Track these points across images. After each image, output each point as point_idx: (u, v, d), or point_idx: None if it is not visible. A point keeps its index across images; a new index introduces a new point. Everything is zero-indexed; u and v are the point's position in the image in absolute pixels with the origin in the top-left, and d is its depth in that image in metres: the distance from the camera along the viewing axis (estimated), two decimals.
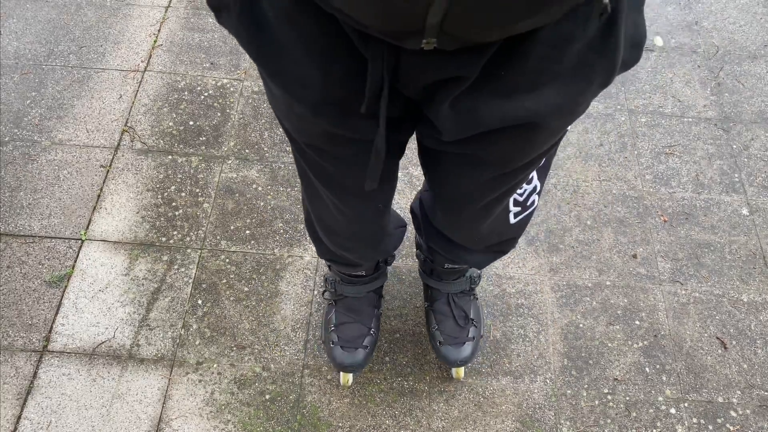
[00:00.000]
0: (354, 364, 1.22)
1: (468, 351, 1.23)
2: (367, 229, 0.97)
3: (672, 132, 1.71)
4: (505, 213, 0.89)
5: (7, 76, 1.72)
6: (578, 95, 0.61)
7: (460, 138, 0.66)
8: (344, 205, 0.86)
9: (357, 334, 1.23)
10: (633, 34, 0.59)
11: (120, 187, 1.54)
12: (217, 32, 1.87)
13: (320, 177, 0.81)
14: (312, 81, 0.60)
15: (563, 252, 1.49)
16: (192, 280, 1.40)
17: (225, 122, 1.67)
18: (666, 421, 1.27)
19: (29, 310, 1.35)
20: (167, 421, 1.23)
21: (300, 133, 0.73)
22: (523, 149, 0.70)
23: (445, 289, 1.25)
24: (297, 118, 0.69)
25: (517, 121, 0.61)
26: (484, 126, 0.62)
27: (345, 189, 0.82)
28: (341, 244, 1.01)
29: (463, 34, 0.49)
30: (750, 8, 2.01)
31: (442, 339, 1.24)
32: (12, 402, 1.24)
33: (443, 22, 0.46)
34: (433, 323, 1.26)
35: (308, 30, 0.57)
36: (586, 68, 0.58)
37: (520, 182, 0.81)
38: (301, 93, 0.62)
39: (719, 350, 1.36)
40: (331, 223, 0.95)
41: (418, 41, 0.50)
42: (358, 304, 1.25)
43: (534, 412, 1.28)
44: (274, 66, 0.60)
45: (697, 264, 1.48)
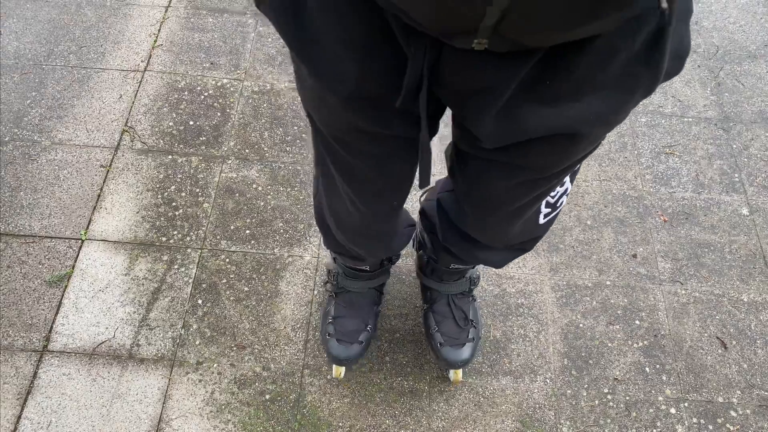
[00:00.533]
0: (348, 358, 1.22)
1: (468, 352, 1.23)
2: (379, 227, 0.96)
3: (672, 132, 1.71)
4: (536, 214, 0.88)
5: (7, 76, 1.72)
6: (621, 105, 0.60)
7: (501, 146, 0.65)
8: (361, 200, 0.86)
9: (354, 329, 1.24)
10: (678, 47, 0.58)
11: (120, 187, 1.54)
12: (217, 32, 1.87)
13: (342, 170, 0.81)
14: (348, 74, 0.60)
15: (563, 252, 1.49)
16: (192, 280, 1.40)
17: (225, 122, 1.67)
18: (666, 421, 1.27)
19: (29, 310, 1.35)
20: (167, 421, 1.23)
21: (328, 125, 0.73)
22: (562, 157, 0.70)
23: (445, 290, 1.25)
24: (328, 110, 0.69)
25: (560, 130, 0.61)
26: (526, 134, 0.62)
27: (365, 185, 0.82)
28: (351, 238, 1.01)
29: (517, 37, 0.48)
30: (750, 8, 2.01)
31: (442, 340, 1.24)
32: (12, 402, 1.24)
33: (499, 24, 0.46)
34: (432, 325, 1.26)
35: (349, 22, 0.56)
36: (630, 79, 0.57)
37: (554, 186, 0.81)
38: (335, 85, 0.62)
39: (719, 350, 1.36)
40: (344, 217, 0.95)
41: (470, 40, 0.50)
42: (359, 299, 1.25)
43: (534, 411, 1.28)
44: (310, 56, 0.60)
45: (697, 264, 1.48)
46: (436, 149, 1.65)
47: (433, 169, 1.60)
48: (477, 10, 0.45)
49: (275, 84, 1.75)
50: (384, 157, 0.74)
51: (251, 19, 1.90)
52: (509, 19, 0.45)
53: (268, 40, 1.86)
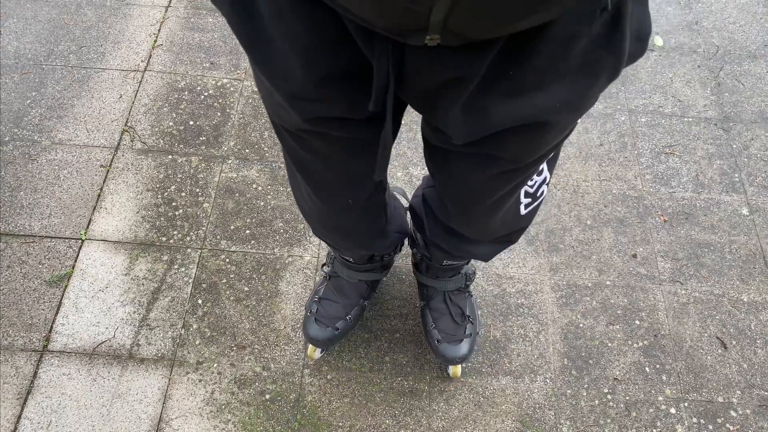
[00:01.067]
0: (319, 339, 1.24)
1: (466, 348, 1.24)
2: (339, 221, 0.96)
3: (672, 132, 1.71)
4: (516, 205, 0.89)
5: (7, 76, 1.72)
6: (586, 90, 0.61)
7: (471, 140, 0.66)
8: (316, 194, 0.87)
9: (334, 314, 1.25)
10: (638, 28, 0.59)
11: (120, 187, 1.54)
12: (217, 32, 1.87)
13: (296, 164, 0.82)
14: (292, 73, 0.61)
15: (563, 252, 1.49)
16: (192, 279, 1.40)
17: (225, 122, 1.67)
18: (666, 421, 1.27)
19: (29, 309, 1.35)
20: (167, 421, 1.23)
21: (279, 118, 0.74)
22: (534, 146, 0.70)
23: (441, 287, 1.25)
24: (277, 104, 0.70)
25: (527, 120, 0.61)
26: (494, 127, 0.62)
27: (317, 179, 0.83)
28: (315, 228, 1.04)
29: (467, 31, 0.49)
30: (750, 8, 2.01)
31: (439, 337, 1.24)
32: (12, 402, 1.24)
33: (447, 19, 0.47)
34: (429, 322, 1.26)
35: (295, 23, 0.57)
36: (593, 64, 0.58)
37: (530, 175, 0.81)
38: (280, 83, 0.62)
39: (719, 350, 1.36)
40: (306, 209, 0.98)
41: (422, 37, 0.50)
42: (347, 288, 1.27)
43: (534, 411, 1.28)
44: (258, 51, 0.61)
45: (697, 264, 1.48)
46: None
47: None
48: (424, 7, 0.45)
49: None
50: (332, 155, 0.75)
51: None
52: (456, 14, 0.46)
53: None
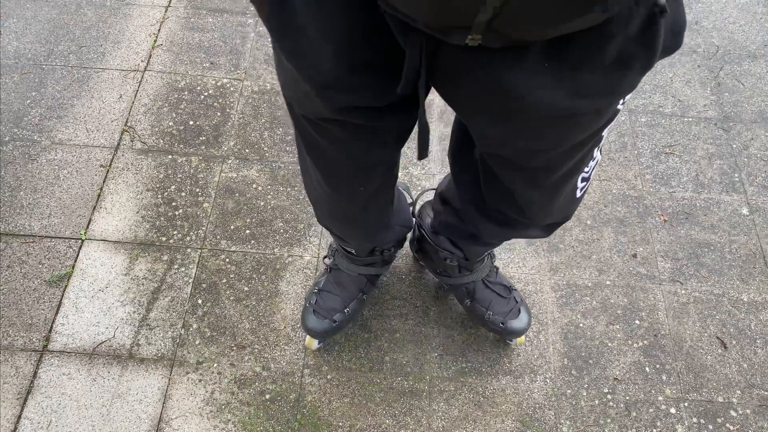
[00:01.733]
0: (317, 331, 1.25)
1: (525, 315, 1.28)
2: (348, 210, 0.97)
3: (672, 132, 1.71)
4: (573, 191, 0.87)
5: (7, 76, 1.72)
6: (618, 81, 0.61)
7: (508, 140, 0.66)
8: (327, 182, 0.88)
9: (332, 307, 1.26)
10: (673, 23, 0.59)
11: (120, 187, 1.54)
12: (217, 32, 1.87)
13: (312, 152, 0.83)
14: (323, 65, 0.60)
15: (563, 252, 1.49)
16: (192, 279, 1.40)
17: (225, 122, 1.67)
18: (666, 421, 1.27)
19: (29, 309, 1.35)
20: (167, 421, 1.23)
21: (303, 108, 0.74)
22: (571, 134, 0.70)
23: (478, 276, 1.27)
24: (302, 94, 0.70)
25: (559, 111, 0.62)
26: (527, 117, 0.63)
27: (332, 167, 0.83)
28: (322, 216, 1.04)
29: (511, 33, 0.49)
30: (750, 8, 2.01)
31: (502, 319, 1.26)
32: (12, 402, 1.24)
33: (493, 20, 0.46)
34: (483, 312, 1.28)
35: (331, 14, 0.57)
36: (627, 58, 0.58)
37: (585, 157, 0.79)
38: (310, 73, 0.62)
39: (719, 350, 1.36)
40: (314, 196, 0.98)
41: (464, 36, 0.50)
42: (347, 281, 1.27)
43: (534, 411, 1.28)
44: (289, 40, 0.60)
45: (697, 264, 1.48)
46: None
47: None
48: (471, 6, 0.45)
49: (275, 84, 1.75)
50: (353, 144, 0.76)
51: (251, 19, 1.90)
52: (503, 15, 0.46)
53: (268, 40, 1.85)
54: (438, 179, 1.58)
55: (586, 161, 0.81)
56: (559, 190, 0.85)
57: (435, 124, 1.69)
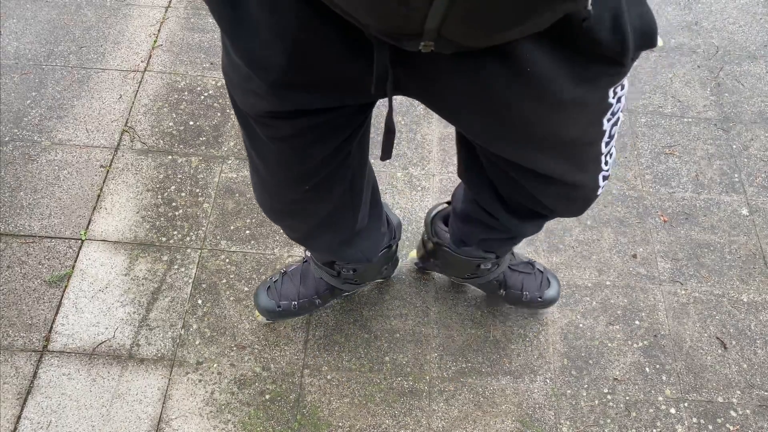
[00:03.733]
0: (260, 306, 1.30)
1: (555, 281, 1.34)
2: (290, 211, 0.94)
3: (672, 132, 1.71)
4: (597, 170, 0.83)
5: (7, 76, 1.72)
6: (593, 82, 0.61)
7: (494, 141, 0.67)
8: (273, 180, 0.86)
9: (285, 293, 1.29)
10: (640, 25, 0.59)
11: (120, 187, 1.54)
12: (217, 32, 1.87)
13: (258, 152, 0.82)
14: (275, 63, 0.60)
15: (563, 252, 1.49)
16: (192, 280, 1.40)
17: (225, 122, 1.67)
18: (666, 421, 1.27)
19: (29, 310, 1.35)
20: (167, 421, 1.23)
21: (248, 105, 0.73)
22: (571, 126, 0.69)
23: (504, 264, 1.28)
24: (250, 91, 0.69)
25: (543, 117, 0.62)
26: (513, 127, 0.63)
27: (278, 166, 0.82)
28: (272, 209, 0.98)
29: (460, 39, 0.50)
30: (750, 8, 2.01)
31: (539, 294, 1.31)
32: (12, 402, 1.24)
33: (441, 26, 0.47)
34: (519, 294, 1.32)
35: (284, 14, 0.57)
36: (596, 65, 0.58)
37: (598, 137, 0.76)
38: (261, 71, 0.62)
39: (719, 350, 1.36)
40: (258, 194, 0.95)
41: (417, 43, 0.51)
42: (308, 278, 1.29)
43: (534, 411, 1.28)
44: (240, 37, 0.60)
45: (697, 264, 1.48)
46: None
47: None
48: (419, 14, 0.46)
49: None
50: (300, 141, 0.75)
51: None
52: (450, 21, 0.46)
53: None
54: (438, 179, 1.58)
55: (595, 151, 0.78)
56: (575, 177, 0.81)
57: (435, 125, 1.69)
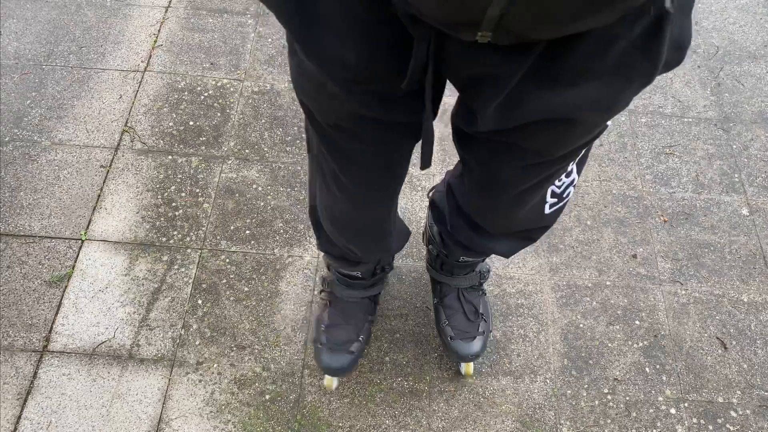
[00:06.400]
0: (339, 368, 1.22)
1: (479, 345, 1.24)
2: (374, 219, 0.97)
3: (672, 132, 1.71)
4: (541, 203, 0.88)
5: (7, 76, 1.72)
6: (618, 93, 0.61)
7: (497, 129, 0.66)
8: (356, 188, 0.86)
9: (345, 339, 1.23)
10: (678, 37, 0.58)
11: (120, 187, 1.54)
12: (217, 32, 1.87)
13: (338, 158, 0.81)
14: (349, 60, 0.60)
15: (563, 252, 1.49)
16: (192, 280, 1.40)
17: (225, 122, 1.67)
18: (666, 421, 1.27)
19: (29, 310, 1.35)
20: (167, 421, 1.23)
21: (327, 113, 0.72)
22: (560, 142, 0.70)
23: (455, 283, 1.25)
24: (328, 97, 0.68)
25: (556, 115, 0.61)
26: (522, 118, 0.62)
27: (361, 172, 0.82)
28: (346, 234, 1.01)
29: (520, 30, 0.49)
30: (750, 8, 2.01)
31: (452, 334, 1.24)
32: (12, 402, 1.24)
33: (502, 17, 0.46)
34: (443, 318, 1.26)
35: (351, 8, 0.56)
36: (628, 67, 0.57)
37: (558, 172, 0.80)
38: (337, 70, 0.61)
39: (719, 350, 1.36)
40: (336, 212, 0.95)
41: (473, 33, 0.50)
42: (352, 309, 1.25)
43: (534, 412, 1.28)
44: (313, 42, 0.60)
45: (697, 264, 1.48)
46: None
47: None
48: (481, 3, 0.45)
49: (275, 84, 1.76)
50: (381, 143, 0.75)
51: (251, 19, 1.90)
52: (513, 12, 0.45)
53: (268, 41, 1.86)
54: (438, 179, 1.58)
55: (559, 174, 0.81)
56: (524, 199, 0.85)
57: (435, 125, 1.69)
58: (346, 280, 1.22)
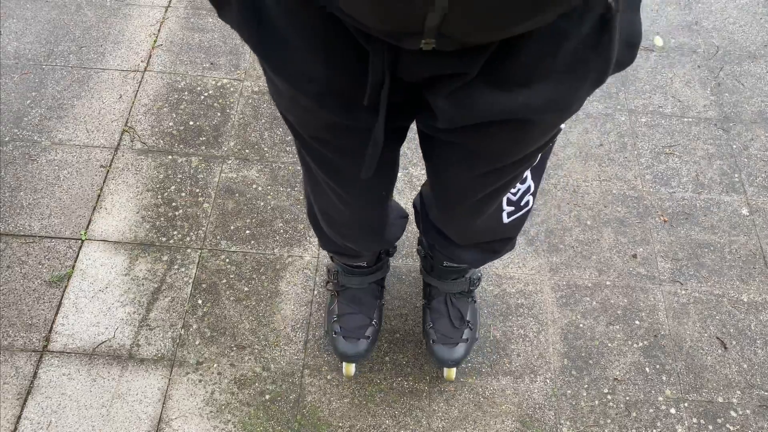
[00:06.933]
0: (356, 355, 1.23)
1: (460, 352, 1.23)
2: (369, 219, 0.98)
3: (672, 132, 1.71)
4: (498, 212, 0.90)
5: (7, 76, 1.72)
6: (571, 92, 0.61)
7: (455, 127, 0.67)
8: (347, 194, 0.87)
9: (359, 325, 1.24)
10: (628, 34, 0.59)
11: (120, 187, 1.54)
12: (217, 32, 1.87)
13: (324, 168, 0.82)
14: (316, 74, 0.61)
15: (563, 252, 1.49)
16: (192, 280, 1.40)
17: (225, 122, 1.67)
18: (666, 421, 1.27)
19: (29, 310, 1.35)
20: (167, 421, 1.23)
21: (305, 125, 0.74)
22: (516, 144, 0.71)
23: (443, 288, 1.25)
24: (302, 110, 0.70)
25: (511, 115, 0.62)
26: (478, 117, 0.63)
27: (348, 179, 0.83)
28: (343, 233, 1.02)
29: (461, 36, 0.50)
30: (750, 8, 2.01)
31: (435, 337, 1.24)
32: (12, 402, 1.24)
33: (441, 25, 0.47)
34: (428, 321, 1.27)
35: (310, 24, 0.57)
36: (580, 65, 0.58)
37: (513, 180, 0.82)
38: (306, 86, 0.63)
39: (719, 350, 1.36)
40: (333, 214, 0.96)
41: (417, 42, 0.51)
42: (361, 295, 1.26)
43: (534, 412, 1.28)
44: (277, 60, 0.61)
45: (697, 264, 1.48)
46: None
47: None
48: (418, 12, 0.46)
49: None
50: (361, 150, 0.76)
51: None
52: (451, 20, 0.46)
53: None
54: None
55: (514, 183, 0.83)
56: (480, 209, 0.86)
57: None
58: (350, 269, 1.23)
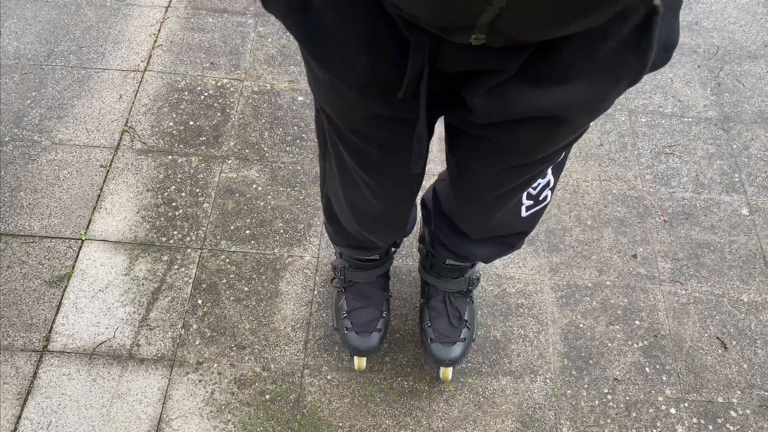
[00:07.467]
0: (370, 348, 1.23)
1: (458, 351, 1.23)
2: (398, 212, 0.98)
3: (672, 132, 1.71)
4: (518, 206, 0.90)
5: (7, 76, 1.72)
6: (605, 92, 0.61)
7: (489, 122, 0.67)
8: (381, 187, 0.87)
9: (370, 318, 1.24)
10: (667, 37, 0.59)
11: (120, 187, 1.54)
12: (217, 32, 1.87)
13: (360, 161, 0.82)
14: (358, 62, 0.61)
15: (563, 252, 1.49)
16: (192, 280, 1.40)
17: (225, 122, 1.67)
18: (666, 421, 1.27)
19: (29, 310, 1.35)
20: (167, 421, 1.23)
21: (344, 117, 0.74)
22: (545, 141, 0.71)
23: (442, 286, 1.25)
24: (342, 101, 0.70)
25: (546, 112, 0.62)
26: (514, 114, 0.63)
27: (383, 171, 0.83)
28: (370, 227, 1.02)
29: (514, 33, 0.50)
30: (750, 8, 2.01)
31: (433, 336, 1.24)
32: (12, 402, 1.24)
33: (495, 20, 0.47)
34: (426, 320, 1.26)
35: (354, 14, 0.58)
36: (617, 66, 0.58)
37: (536, 176, 0.82)
38: (348, 76, 0.63)
39: (719, 350, 1.36)
40: (363, 208, 0.96)
41: (467, 36, 0.51)
42: (369, 289, 1.26)
43: (534, 412, 1.28)
44: (321, 50, 0.61)
45: (697, 264, 1.48)
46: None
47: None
48: (475, 7, 0.46)
49: (275, 84, 1.76)
50: (399, 142, 0.76)
51: (251, 19, 1.90)
52: (506, 16, 0.46)
53: (268, 40, 1.86)
54: None
55: (536, 178, 0.83)
56: (501, 203, 0.86)
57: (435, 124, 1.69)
58: (359, 263, 1.23)
